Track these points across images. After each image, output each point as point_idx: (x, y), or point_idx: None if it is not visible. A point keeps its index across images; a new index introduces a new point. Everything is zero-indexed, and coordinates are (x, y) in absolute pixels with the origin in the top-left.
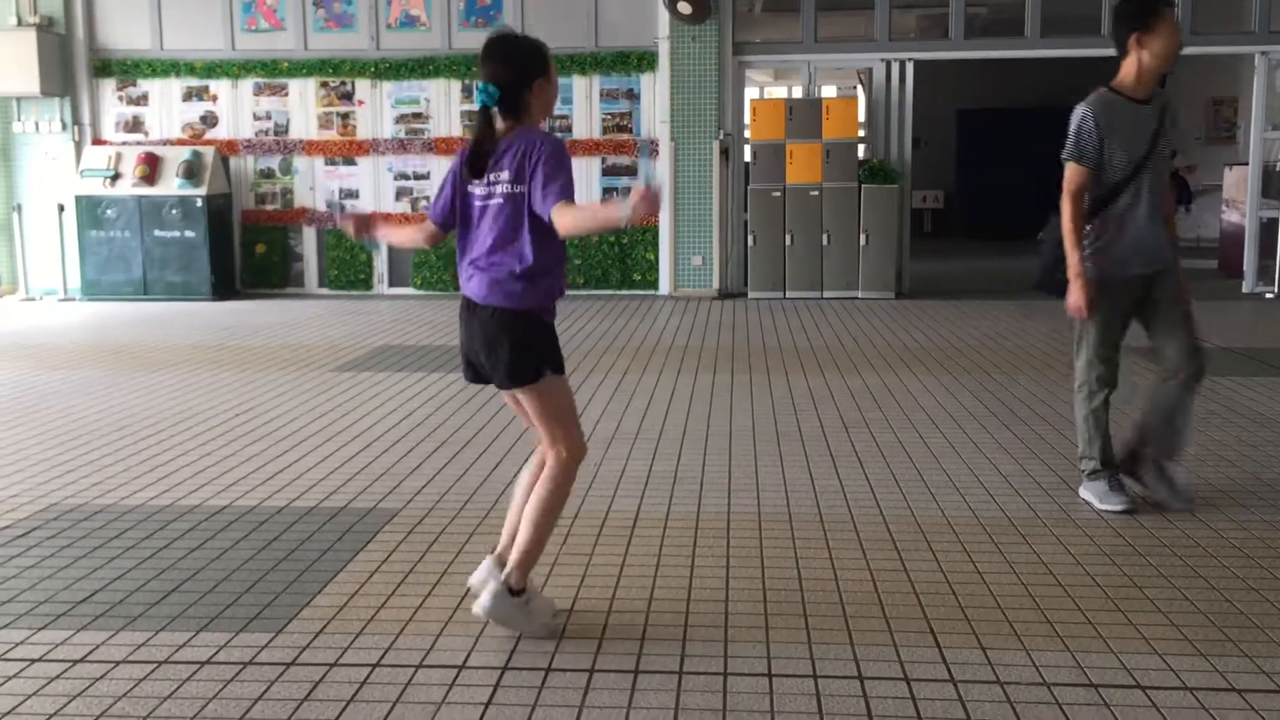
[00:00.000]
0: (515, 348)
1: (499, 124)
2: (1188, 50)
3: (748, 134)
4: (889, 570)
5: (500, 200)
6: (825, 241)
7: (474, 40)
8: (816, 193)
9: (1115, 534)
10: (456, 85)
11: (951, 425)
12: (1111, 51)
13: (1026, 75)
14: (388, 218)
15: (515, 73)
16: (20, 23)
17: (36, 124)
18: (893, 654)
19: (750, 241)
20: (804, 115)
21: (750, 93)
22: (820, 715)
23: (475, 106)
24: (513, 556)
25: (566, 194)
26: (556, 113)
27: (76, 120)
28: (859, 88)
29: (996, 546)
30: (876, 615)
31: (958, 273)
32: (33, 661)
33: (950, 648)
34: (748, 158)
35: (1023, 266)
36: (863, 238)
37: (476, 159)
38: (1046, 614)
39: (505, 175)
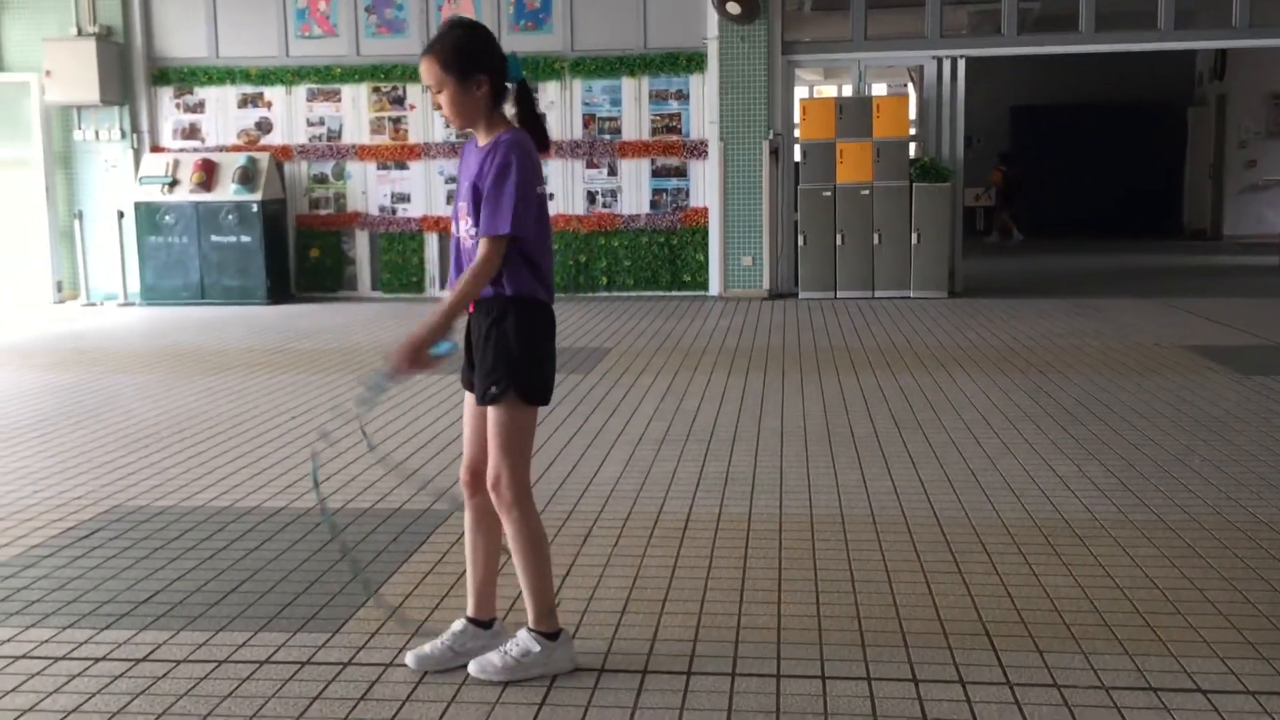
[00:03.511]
0: None
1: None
2: (1247, 43)
3: (798, 133)
4: (943, 572)
5: None
6: (877, 241)
7: (524, 43)
8: (867, 192)
9: (1175, 535)
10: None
11: (1006, 426)
12: (1168, 45)
13: (1081, 71)
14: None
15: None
16: (80, 33)
17: (96, 132)
18: (948, 656)
19: (801, 241)
20: (854, 114)
21: (800, 92)
22: (875, 718)
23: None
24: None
25: None
26: (604, 115)
27: (135, 128)
28: (910, 85)
29: (1053, 549)
30: (931, 618)
31: (1011, 271)
32: (96, 660)
33: (1006, 650)
34: (798, 157)
35: (1076, 264)
36: (914, 236)
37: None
38: (1104, 617)
39: None
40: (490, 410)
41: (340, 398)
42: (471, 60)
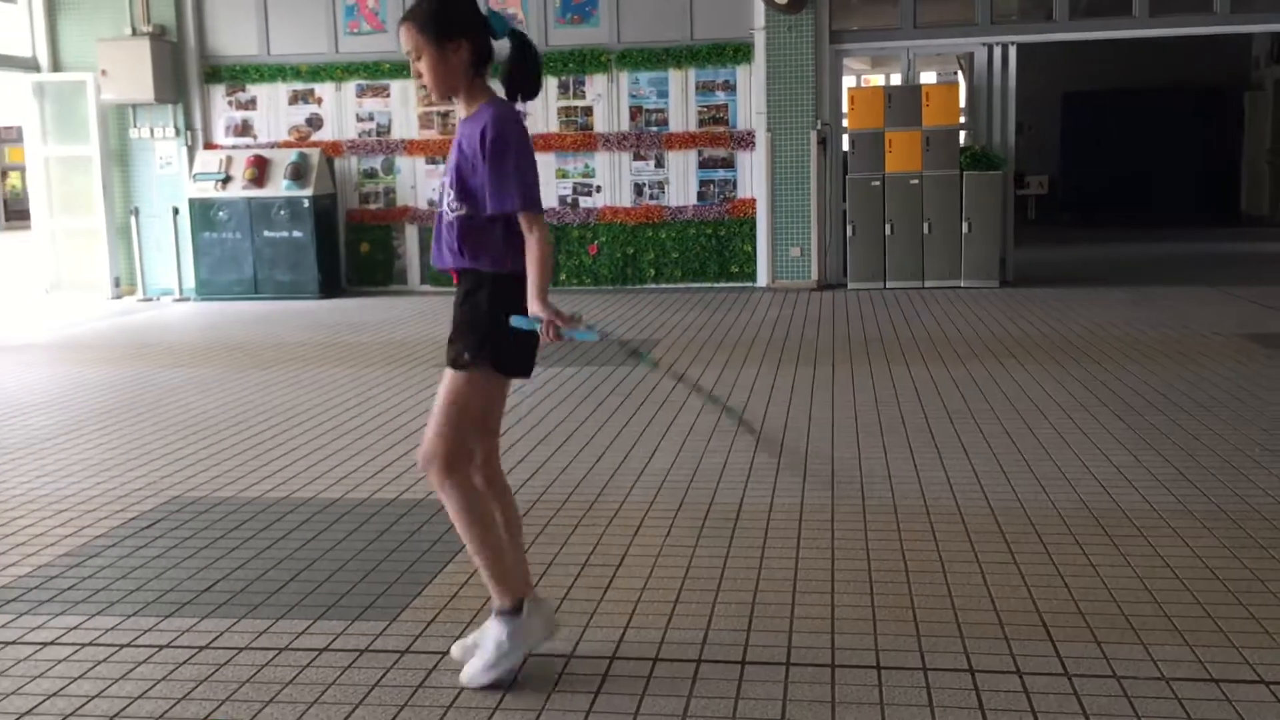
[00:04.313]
0: None
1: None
2: None
3: (845, 123)
4: (998, 563)
5: None
6: (926, 230)
7: (570, 37)
8: (916, 181)
9: (1235, 526)
10: (553, 81)
11: (1060, 415)
12: (1224, 29)
13: (1135, 55)
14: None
15: None
16: (135, 32)
17: (151, 130)
18: (1004, 647)
19: (849, 232)
20: (903, 103)
21: (847, 81)
22: (931, 708)
23: (503, 53)
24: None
25: None
26: (651, 106)
27: (189, 125)
28: (959, 73)
29: (1110, 539)
30: (987, 608)
31: (1063, 260)
32: (160, 648)
33: (1064, 641)
34: (846, 147)
35: (1131, 253)
36: (965, 226)
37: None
38: (1164, 608)
39: None
40: (453, 376)
41: (393, 391)
42: (450, 23)
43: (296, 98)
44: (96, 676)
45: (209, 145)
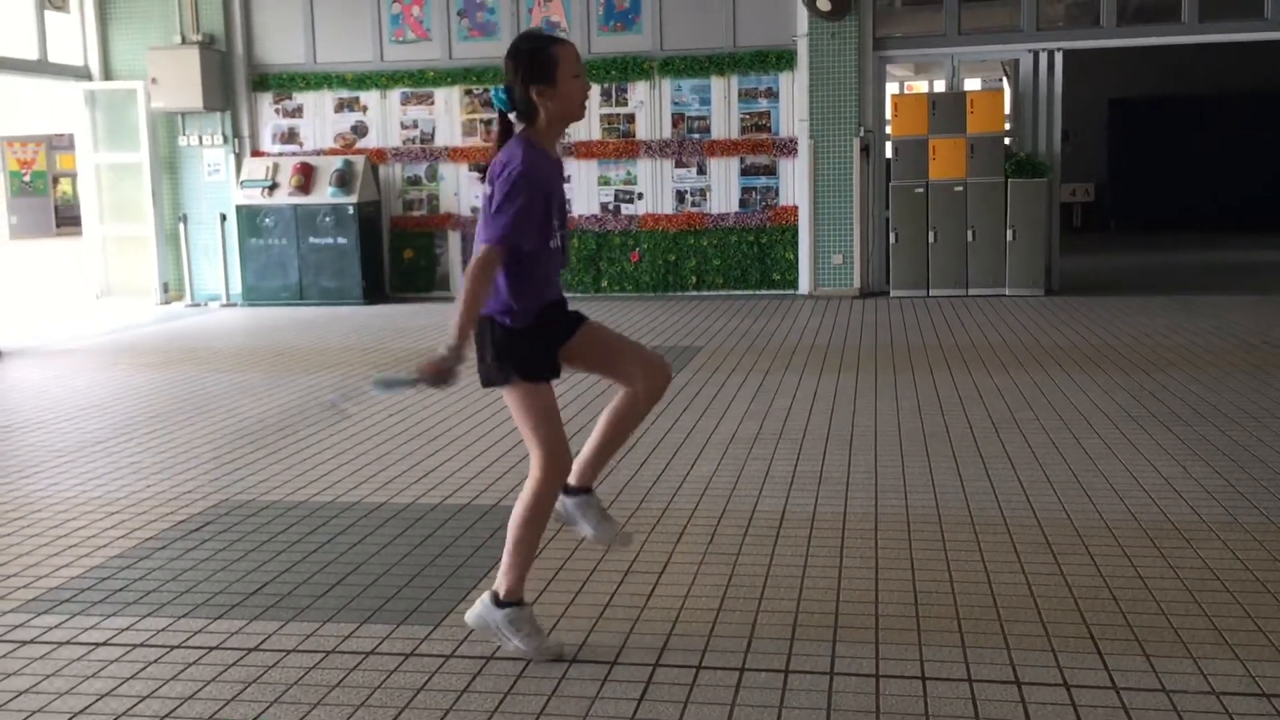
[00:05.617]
0: (476, 352)
1: (517, 129)
2: None
3: (889, 130)
4: (1045, 574)
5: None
6: (970, 238)
7: (612, 45)
8: (961, 188)
9: None
10: (596, 89)
11: (1107, 426)
12: (1275, 35)
13: (1184, 61)
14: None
15: (513, 74)
16: (184, 41)
17: (200, 138)
18: (1051, 659)
19: (892, 239)
20: (947, 109)
21: (891, 88)
22: (977, 719)
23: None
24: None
25: (489, 236)
26: (693, 114)
27: (237, 133)
28: (1004, 80)
29: (1159, 551)
30: (1033, 620)
31: (1110, 268)
32: (210, 649)
33: (1111, 654)
34: (889, 154)
35: (1179, 261)
36: (1009, 233)
37: (483, 167)
38: (1214, 621)
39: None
40: (505, 395)
41: (436, 396)
42: None
43: (342, 105)
44: (148, 677)
45: (256, 153)
